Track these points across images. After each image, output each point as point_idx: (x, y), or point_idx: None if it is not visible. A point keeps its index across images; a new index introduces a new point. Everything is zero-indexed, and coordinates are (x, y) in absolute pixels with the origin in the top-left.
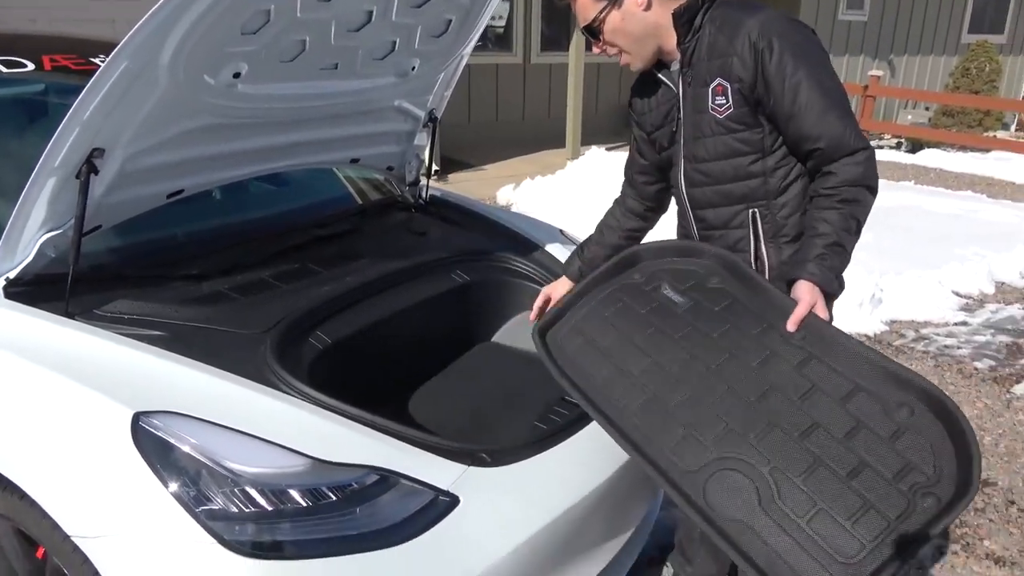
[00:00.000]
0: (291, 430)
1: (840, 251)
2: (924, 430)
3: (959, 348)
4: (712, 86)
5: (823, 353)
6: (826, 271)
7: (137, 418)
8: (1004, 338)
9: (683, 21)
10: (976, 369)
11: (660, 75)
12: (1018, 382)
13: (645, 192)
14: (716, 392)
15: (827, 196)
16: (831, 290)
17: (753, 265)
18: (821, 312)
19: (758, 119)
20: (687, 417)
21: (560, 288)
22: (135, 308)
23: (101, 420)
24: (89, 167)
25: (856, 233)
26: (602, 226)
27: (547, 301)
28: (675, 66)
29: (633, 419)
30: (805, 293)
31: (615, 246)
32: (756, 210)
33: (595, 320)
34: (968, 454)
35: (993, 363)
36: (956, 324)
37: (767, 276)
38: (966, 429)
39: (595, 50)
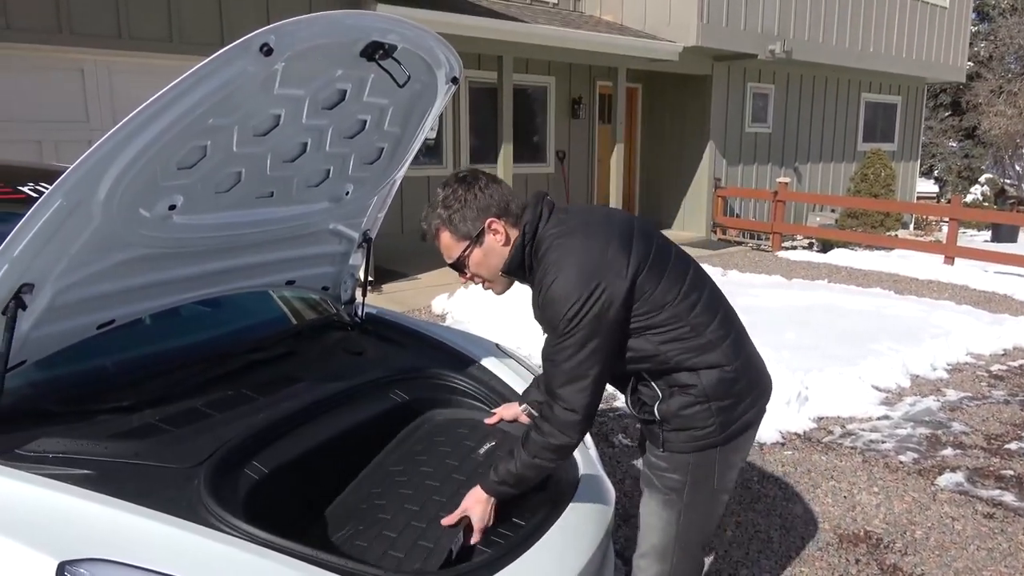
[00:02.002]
0: (227, 571)
1: (510, 465)
2: None
3: (883, 442)
4: None
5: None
6: (492, 480)
7: (62, 568)
8: (923, 430)
9: (512, 269)
10: (901, 463)
11: None
12: (940, 474)
13: None
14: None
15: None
16: (487, 489)
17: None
18: (475, 517)
19: None
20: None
21: (508, 411)
22: (60, 446)
23: (23, 572)
24: (17, 302)
25: (534, 456)
26: None
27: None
28: None
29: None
30: (471, 497)
31: None
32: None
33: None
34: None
35: (916, 455)
36: (879, 418)
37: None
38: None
39: (462, 281)
